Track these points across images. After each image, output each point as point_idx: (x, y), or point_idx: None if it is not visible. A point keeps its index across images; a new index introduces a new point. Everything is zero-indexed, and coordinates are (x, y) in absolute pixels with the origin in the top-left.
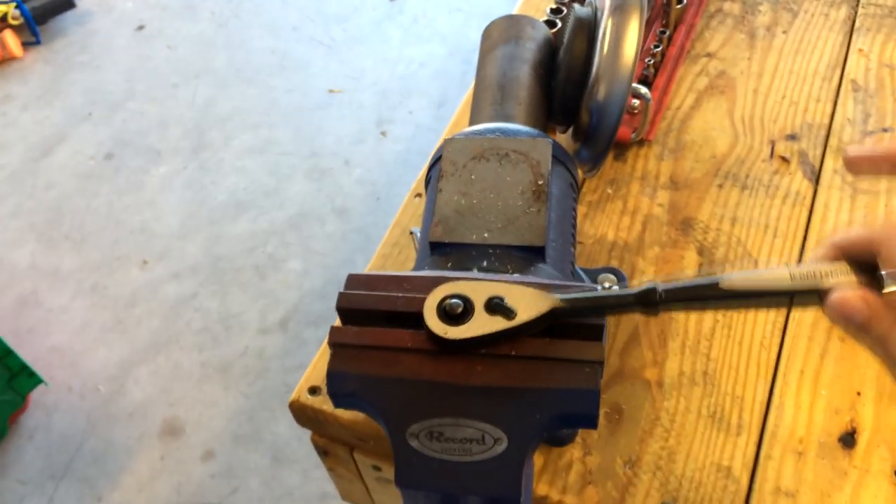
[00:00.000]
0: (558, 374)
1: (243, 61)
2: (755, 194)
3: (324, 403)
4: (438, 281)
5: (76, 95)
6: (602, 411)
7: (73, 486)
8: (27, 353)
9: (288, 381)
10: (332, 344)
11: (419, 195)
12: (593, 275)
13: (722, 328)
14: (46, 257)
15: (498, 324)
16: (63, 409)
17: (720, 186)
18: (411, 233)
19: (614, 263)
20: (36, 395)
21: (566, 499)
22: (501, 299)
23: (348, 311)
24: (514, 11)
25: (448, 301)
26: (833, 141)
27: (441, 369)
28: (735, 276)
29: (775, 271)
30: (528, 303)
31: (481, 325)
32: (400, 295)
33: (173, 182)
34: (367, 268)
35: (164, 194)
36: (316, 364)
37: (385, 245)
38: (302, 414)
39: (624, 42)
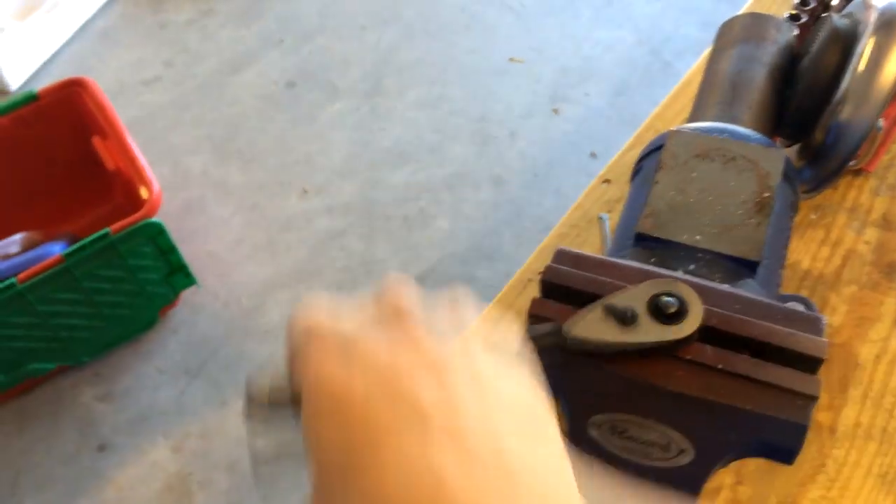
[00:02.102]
0: (766, 399)
1: (432, 14)
2: None
3: None
4: (649, 274)
5: (272, 21)
6: None
7: (204, 386)
8: (185, 253)
9: None
10: (532, 315)
11: (607, 181)
12: (782, 300)
13: None
14: (217, 169)
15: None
16: (207, 313)
17: None
18: (600, 217)
19: (804, 293)
20: (187, 294)
21: None
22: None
23: (553, 285)
24: (741, 11)
25: (663, 297)
26: None
27: (640, 367)
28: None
29: None
30: None
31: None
32: (608, 280)
33: (345, 120)
34: (538, 247)
35: (333, 131)
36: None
37: (563, 225)
38: None
39: (886, 62)
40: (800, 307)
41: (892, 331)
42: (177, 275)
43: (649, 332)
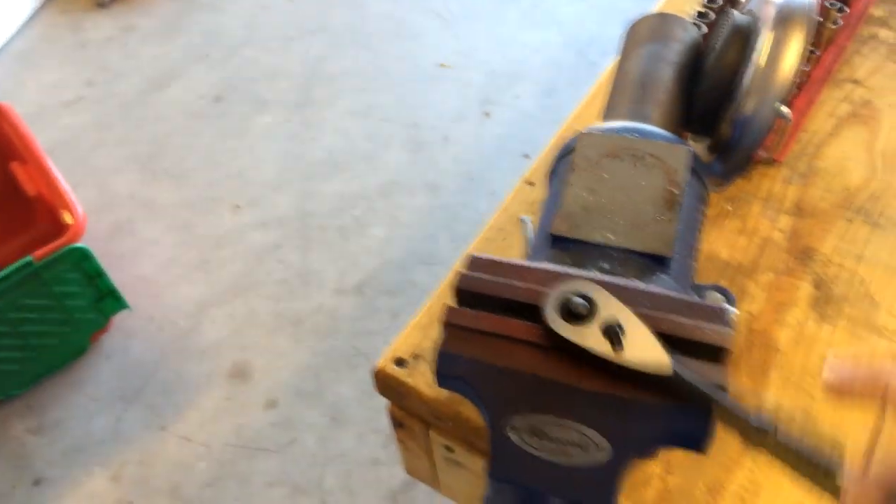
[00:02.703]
0: (675, 390)
1: (359, 23)
2: (887, 234)
3: (408, 377)
4: (563, 277)
5: (196, 35)
6: None
7: (141, 411)
8: (115, 277)
9: (357, 344)
10: (447, 324)
11: (531, 183)
12: (701, 290)
13: None
14: (145, 189)
15: (605, 347)
16: (141, 337)
17: (849, 220)
18: (521, 220)
19: (723, 283)
20: (119, 318)
21: None
22: (619, 329)
23: (467, 293)
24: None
25: (573, 299)
26: None
27: (554, 367)
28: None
29: None
30: (642, 348)
31: (594, 338)
32: (521, 285)
33: (275, 133)
34: (467, 250)
35: (264, 143)
36: (405, 336)
37: (490, 229)
38: (384, 384)
39: (783, 57)
40: (718, 297)
41: (808, 314)
42: (106, 299)
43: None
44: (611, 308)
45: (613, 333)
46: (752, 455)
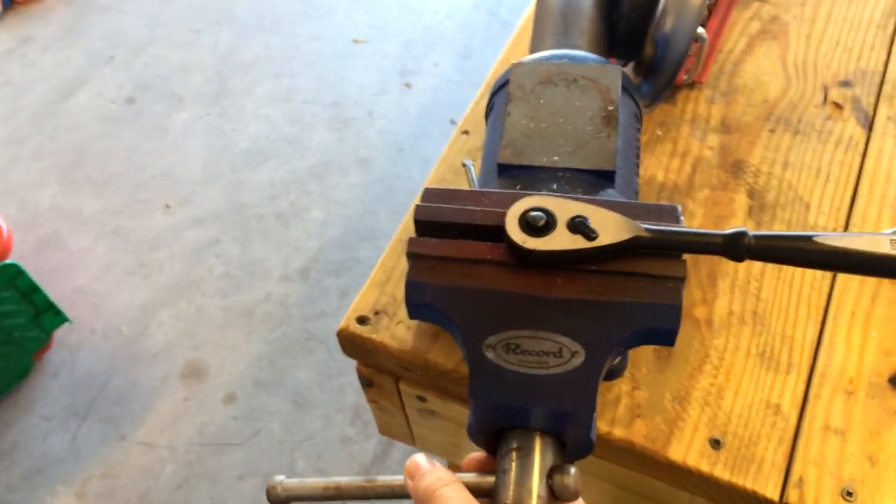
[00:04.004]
0: (641, 288)
1: (266, 8)
2: (808, 139)
3: (372, 332)
4: (519, 197)
5: (97, 38)
6: (651, 347)
7: (97, 424)
8: (50, 292)
9: (309, 328)
10: (410, 254)
11: (466, 132)
12: None
13: (772, 269)
14: (68, 199)
15: (578, 242)
16: (87, 349)
17: (772, 131)
18: (464, 164)
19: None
20: (60, 334)
21: (615, 431)
22: (585, 219)
23: (426, 223)
24: None
25: (531, 213)
26: (887, 88)
27: (520, 281)
28: (831, 235)
29: (875, 237)
30: (611, 227)
31: (562, 241)
32: (479, 209)
33: (195, 128)
34: (412, 206)
35: (186, 140)
36: (365, 295)
37: (431, 182)
38: (350, 343)
39: None
40: None
41: (746, 223)
42: (45, 315)
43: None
44: (568, 210)
45: (582, 225)
46: (712, 362)
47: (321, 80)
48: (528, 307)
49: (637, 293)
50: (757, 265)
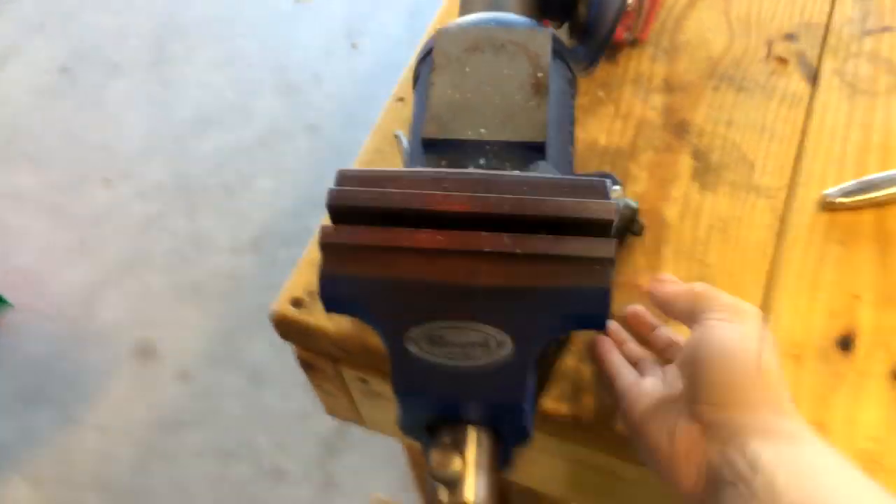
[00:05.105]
0: (567, 272)
1: None
2: (752, 96)
3: (308, 315)
4: (436, 177)
5: (26, 4)
6: None
7: (47, 409)
8: None
9: (262, 301)
10: (324, 245)
11: (401, 99)
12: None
13: (717, 233)
14: (3, 176)
15: None
16: (31, 333)
17: (716, 88)
18: (395, 135)
19: (606, 169)
20: (1, 318)
21: (561, 408)
22: None
23: (340, 208)
24: None
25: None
26: (832, 40)
27: (441, 269)
28: None
29: None
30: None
31: None
32: (396, 191)
33: (134, 97)
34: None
35: (124, 110)
36: (297, 275)
37: (366, 152)
38: (285, 327)
39: None
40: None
41: (690, 185)
42: None
43: None
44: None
45: None
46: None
47: (264, 44)
48: (450, 297)
49: (562, 278)
50: (702, 229)
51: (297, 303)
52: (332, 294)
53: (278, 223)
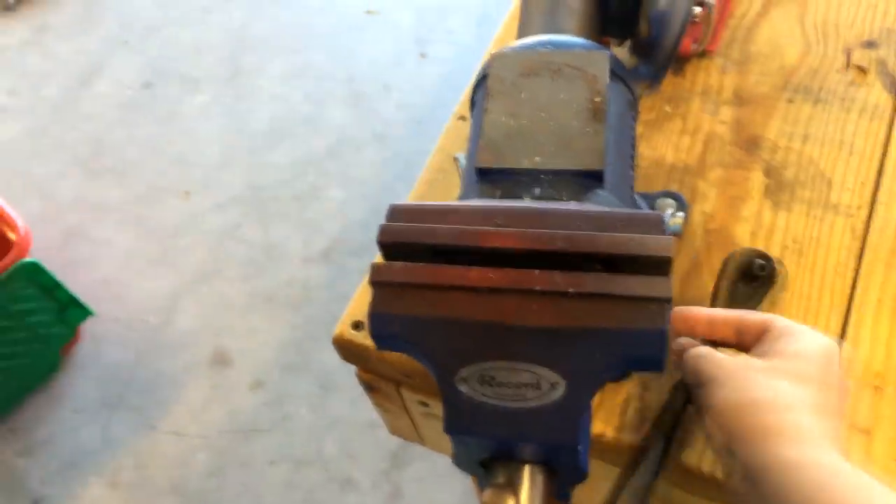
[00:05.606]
0: (621, 312)
1: None
2: (829, 108)
3: (367, 339)
4: (487, 212)
5: (111, 24)
6: None
7: (127, 415)
8: (74, 285)
9: (333, 310)
10: (374, 283)
11: (463, 118)
12: (651, 200)
13: (792, 254)
14: (90, 190)
15: None
16: (112, 341)
17: (790, 101)
18: (455, 158)
19: (673, 187)
20: (85, 326)
21: (623, 437)
22: None
23: (391, 245)
24: None
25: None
26: None
27: (493, 308)
28: None
29: None
30: None
31: None
32: (445, 228)
33: (211, 111)
34: (409, 196)
35: (202, 123)
36: (358, 298)
37: (428, 170)
38: (346, 350)
39: None
40: (669, 202)
41: (763, 204)
42: (69, 309)
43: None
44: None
45: None
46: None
47: (334, 55)
48: (502, 336)
49: (616, 318)
50: (775, 249)
51: (356, 325)
52: (382, 332)
53: (348, 233)
